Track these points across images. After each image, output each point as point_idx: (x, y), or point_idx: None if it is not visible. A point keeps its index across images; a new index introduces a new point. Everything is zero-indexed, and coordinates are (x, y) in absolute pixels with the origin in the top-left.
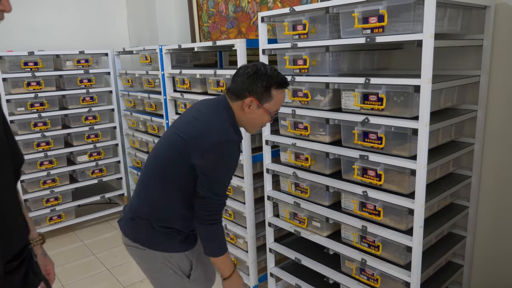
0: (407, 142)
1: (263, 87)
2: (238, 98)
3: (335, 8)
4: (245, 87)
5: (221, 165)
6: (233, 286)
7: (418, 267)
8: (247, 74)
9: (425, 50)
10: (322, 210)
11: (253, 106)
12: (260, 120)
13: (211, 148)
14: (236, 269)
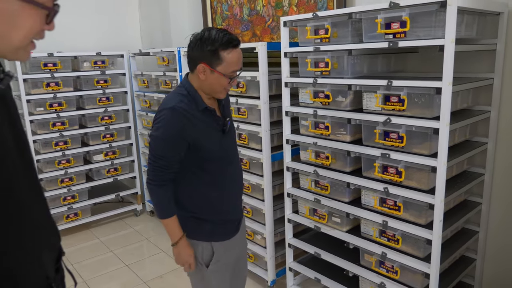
0: (427, 141)
1: (210, 52)
2: (193, 68)
3: (358, 14)
4: (195, 56)
5: (155, 128)
6: (179, 254)
7: (438, 259)
8: (195, 42)
9: (446, 55)
10: (342, 206)
11: (207, 72)
12: (218, 84)
13: (155, 114)
14: (184, 238)
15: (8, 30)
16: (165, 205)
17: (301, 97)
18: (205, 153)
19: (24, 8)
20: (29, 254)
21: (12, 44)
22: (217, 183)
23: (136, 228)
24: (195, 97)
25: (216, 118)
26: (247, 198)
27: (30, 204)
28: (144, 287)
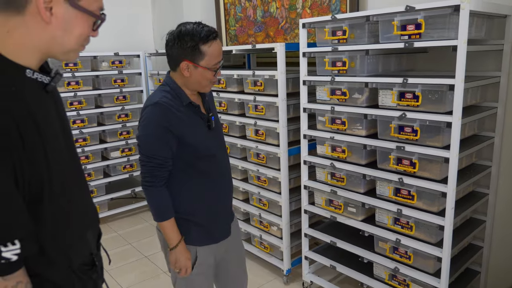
0: (440, 134)
1: (191, 48)
2: (175, 67)
3: (375, 17)
4: (176, 53)
5: (141, 127)
6: (178, 258)
7: (450, 243)
8: (172, 41)
9: (459, 54)
10: (358, 196)
11: (190, 68)
12: (204, 78)
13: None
14: (182, 241)
15: (62, 34)
16: (164, 206)
17: (318, 95)
18: (192, 149)
19: (77, 15)
20: (77, 233)
21: (64, 46)
22: (207, 182)
23: (151, 222)
24: (178, 93)
25: (201, 114)
26: (264, 192)
27: (77, 187)
28: (164, 276)
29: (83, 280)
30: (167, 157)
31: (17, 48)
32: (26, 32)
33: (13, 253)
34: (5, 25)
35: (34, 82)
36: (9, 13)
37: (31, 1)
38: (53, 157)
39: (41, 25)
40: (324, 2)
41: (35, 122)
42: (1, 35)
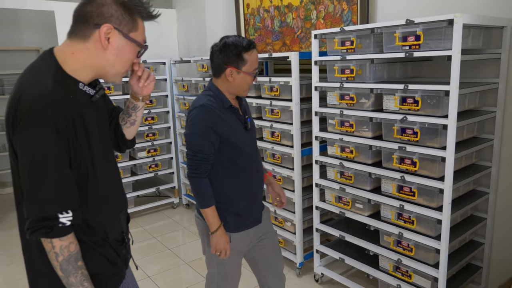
0: (438, 136)
1: (235, 55)
2: (220, 74)
3: (379, 29)
4: (221, 61)
5: (189, 126)
6: (218, 241)
7: (447, 236)
8: (218, 50)
9: (453, 63)
10: (364, 193)
11: (234, 74)
12: (245, 83)
13: (187, 115)
14: (222, 227)
15: (114, 58)
16: (206, 195)
17: (329, 99)
18: (232, 147)
19: (127, 44)
20: (113, 213)
21: (114, 68)
22: (243, 176)
23: (174, 218)
24: (220, 97)
25: (239, 116)
26: None
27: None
28: (186, 266)
29: (115, 252)
30: (210, 152)
31: (77, 67)
32: (88, 55)
33: (67, 219)
34: (71, 48)
35: (84, 93)
36: (76, 40)
37: (94, 33)
38: (95, 150)
39: (99, 50)
40: (336, 13)
41: (83, 120)
42: (67, 55)
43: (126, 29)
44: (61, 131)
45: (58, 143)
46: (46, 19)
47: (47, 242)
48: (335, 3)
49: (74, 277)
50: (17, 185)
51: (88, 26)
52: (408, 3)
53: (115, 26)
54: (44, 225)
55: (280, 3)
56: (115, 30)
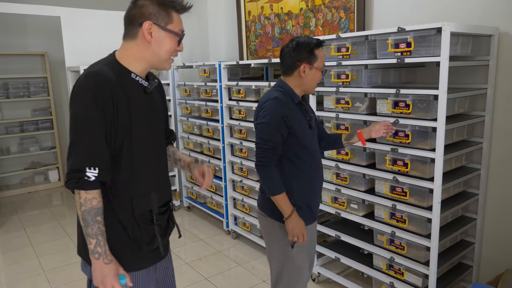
0: (428, 138)
1: (308, 52)
2: (292, 71)
3: (373, 36)
4: (295, 59)
5: (262, 116)
6: (293, 227)
7: (436, 234)
8: (291, 49)
9: (442, 69)
10: (359, 194)
11: (306, 70)
12: (315, 79)
13: (258, 107)
14: (295, 211)
15: (159, 49)
16: (277, 182)
17: (326, 103)
18: (299, 142)
19: (166, 36)
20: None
21: (160, 57)
22: (308, 170)
23: None
24: (290, 93)
25: (305, 113)
26: None
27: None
28: (186, 266)
29: (141, 228)
30: (278, 143)
31: (130, 60)
32: (137, 50)
33: (92, 174)
34: (125, 47)
35: (137, 83)
36: (128, 40)
37: (139, 31)
38: (136, 131)
39: (146, 44)
40: (334, 21)
41: (128, 103)
42: (123, 52)
43: (163, 22)
44: (100, 103)
45: (95, 111)
46: (52, 24)
47: (77, 192)
48: (333, 11)
49: (91, 228)
50: None
51: (134, 26)
52: (403, 12)
53: (153, 21)
54: (74, 176)
55: (281, 11)
56: (154, 25)
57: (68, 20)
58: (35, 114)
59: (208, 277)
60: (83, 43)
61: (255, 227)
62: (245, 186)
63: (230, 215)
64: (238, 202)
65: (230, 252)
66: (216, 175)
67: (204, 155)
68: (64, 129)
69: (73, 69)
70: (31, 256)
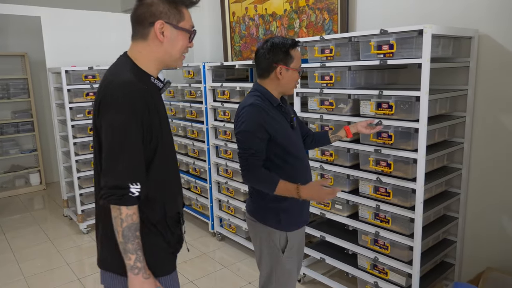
0: (411, 139)
1: (284, 53)
2: (268, 73)
3: (356, 38)
4: (270, 61)
5: (239, 124)
6: (308, 192)
7: (419, 234)
8: (266, 51)
9: (423, 71)
10: (343, 195)
11: (283, 72)
12: (293, 79)
13: (236, 115)
14: (299, 185)
15: (171, 48)
16: (268, 179)
17: (310, 105)
18: (283, 145)
19: (178, 33)
20: (172, 194)
21: (172, 56)
22: (295, 173)
23: None
24: (268, 96)
25: (286, 115)
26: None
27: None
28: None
29: (171, 230)
30: (260, 149)
31: (145, 62)
32: (150, 51)
33: (136, 190)
34: (137, 48)
35: (155, 86)
36: (139, 41)
37: (150, 31)
38: (164, 137)
39: (158, 44)
40: (318, 22)
41: (156, 108)
42: (137, 54)
43: (175, 20)
44: (138, 115)
45: (134, 124)
46: (32, 24)
47: (116, 209)
48: (317, 13)
49: (132, 243)
50: (98, 162)
51: (144, 26)
52: (386, 14)
53: (165, 20)
54: (116, 193)
55: (265, 12)
56: (166, 24)
57: (48, 20)
58: (15, 116)
59: (193, 280)
60: (64, 43)
61: (241, 229)
62: (230, 188)
63: (215, 217)
64: (224, 204)
65: (216, 254)
66: (201, 177)
67: (189, 157)
68: (45, 131)
69: (54, 70)
70: (11, 262)
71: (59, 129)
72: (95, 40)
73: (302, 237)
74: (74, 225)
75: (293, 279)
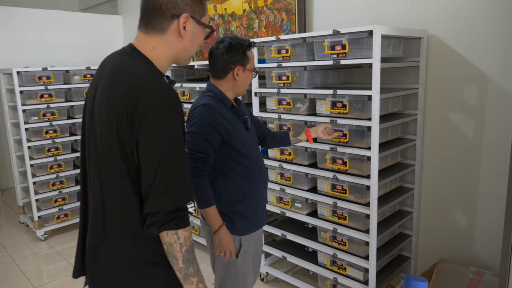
0: (365, 137)
1: (241, 54)
2: (225, 74)
3: (310, 38)
4: (228, 61)
5: (191, 124)
6: (220, 241)
7: (375, 229)
8: (224, 51)
9: (374, 70)
10: (302, 193)
11: (240, 73)
12: (248, 81)
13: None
14: (224, 226)
15: (190, 45)
16: (206, 194)
17: (268, 104)
18: (237, 147)
19: (199, 29)
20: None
21: (189, 54)
22: (249, 176)
23: None
24: (222, 97)
25: (240, 116)
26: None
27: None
28: None
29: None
30: (209, 152)
31: (160, 59)
32: (167, 47)
33: (192, 208)
34: (151, 43)
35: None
36: (154, 34)
37: (171, 24)
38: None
39: (177, 39)
40: (277, 23)
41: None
42: (150, 50)
43: (199, 15)
44: (181, 121)
45: (182, 132)
46: None
47: (171, 235)
48: (275, 13)
49: (193, 266)
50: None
51: (165, 18)
52: (342, 14)
53: (190, 14)
54: (176, 216)
55: (224, 12)
56: (191, 18)
57: None
58: None
59: None
60: (16, 43)
61: None
62: None
63: None
64: None
65: None
66: None
67: None
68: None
69: (5, 71)
70: None
71: (12, 132)
72: (49, 40)
73: (259, 239)
74: (30, 232)
75: (248, 284)
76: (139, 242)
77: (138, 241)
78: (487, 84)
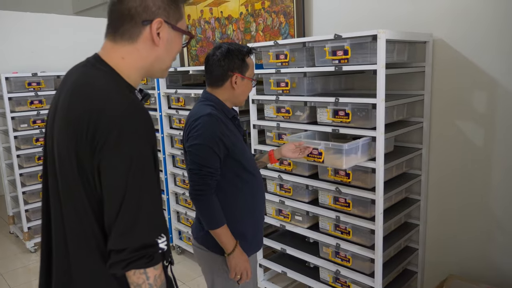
0: (369, 147)
1: (240, 60)
2: (223, 82)
3: (310, 43)
4: (226, 68)
5: (195, 137)
6: (237, 263)
7: (380, 245)
8: (222, 57)
9: (379, 77)
10: (303, 205)
11: (238, 81)
12: (247, 89)
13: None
14: (238, 245)
15: (164, 53)
16: (218, 213)
17: (266, 112)
18: (240, 160)
19: (176, 36)
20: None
21: (164, 63)
22: (250, 192)
23: None
24: (222, 107)
25: (239, 128)
26: None
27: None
28: None
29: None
30: (217, 166)
31: (130, 71)
32: (138, 57)
33: (164, 244)
34: (119, 53)
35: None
36: (122, 42)
37: (143, 31)
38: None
39: (150, 48)
40: (275, 26)
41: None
42: (118, 61)
43: (174, 19)
44: (152, 141)
45: (152, 155)
46: None
47: (139, 274)
48: (273, 16)
49: None
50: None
51: (135, 24)
52: (343, 18)
53: (164, 19)
54: (144, 254)
55: (221, 15)
56: (165, 23)
57: None
58: None
59: None
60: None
61: None
62: (188, 199)
63: (174, 230)
64: (182, 215)
65: (175, 268)
66: None
67: None
68: None
69: None
70: None
71: (1, 140)
72: (40, 44)
73: (253, 259)
74: (20, 243)
75: None
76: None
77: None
78: (496, 89)
